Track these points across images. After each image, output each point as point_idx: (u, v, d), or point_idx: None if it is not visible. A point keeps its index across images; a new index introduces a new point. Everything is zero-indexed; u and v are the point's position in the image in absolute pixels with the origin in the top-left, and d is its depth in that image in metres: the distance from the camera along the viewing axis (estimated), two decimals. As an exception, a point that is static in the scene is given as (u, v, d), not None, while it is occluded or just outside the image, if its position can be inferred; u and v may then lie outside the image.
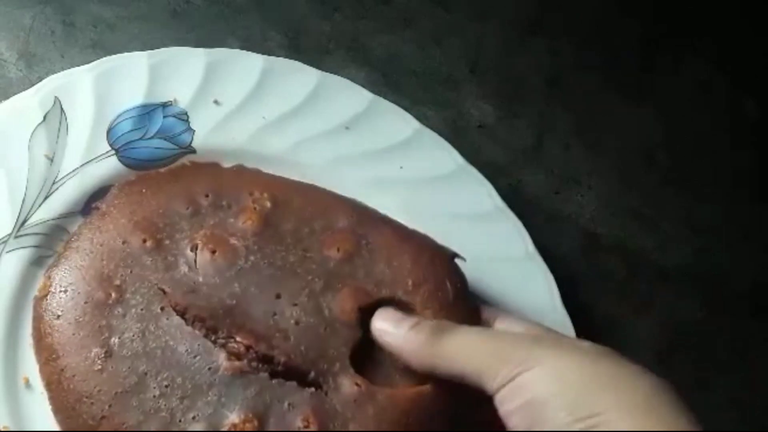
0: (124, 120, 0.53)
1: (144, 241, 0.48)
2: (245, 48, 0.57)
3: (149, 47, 0.55)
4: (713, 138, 0.64)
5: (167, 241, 0.48)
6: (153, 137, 0.53)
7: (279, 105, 0.55)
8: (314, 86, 0.55)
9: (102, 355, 0.45)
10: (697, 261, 0.60)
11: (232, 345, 0.44)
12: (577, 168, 0.62)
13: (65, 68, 0.54)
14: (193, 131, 0.53)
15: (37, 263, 0.49)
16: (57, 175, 0.51)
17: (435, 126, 0.57)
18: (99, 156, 0.52)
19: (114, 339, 0.45)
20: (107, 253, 0.48)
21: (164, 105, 0.54)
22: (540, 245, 0.53)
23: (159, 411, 0.43)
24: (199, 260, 0.47)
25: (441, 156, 0.55)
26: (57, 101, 0.52)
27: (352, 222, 0.49)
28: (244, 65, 0.55)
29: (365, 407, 0.43)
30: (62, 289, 0.47)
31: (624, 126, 0.64)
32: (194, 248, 0.47)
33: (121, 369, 0.44)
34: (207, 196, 0.50)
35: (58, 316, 0.46)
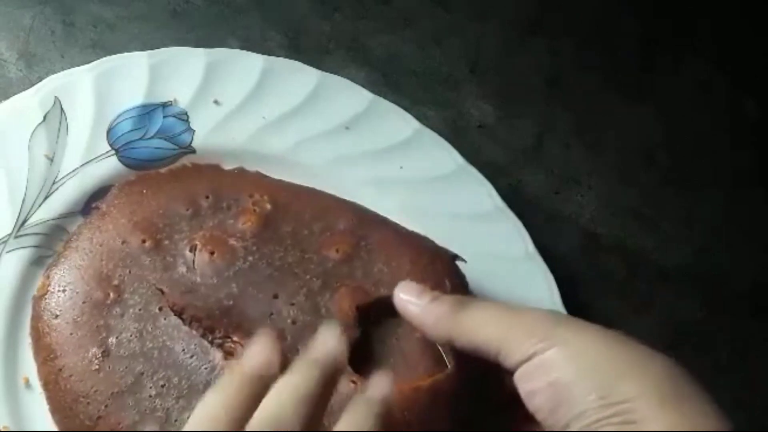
0: (124, 120, 0.53)
1: (143, 242, 0.48)
2: (245, 48, 0.57)
3: (149, 47, 0.55)
4: (713, 138, 0.64)
5: (166, 242, 0.48)
6: (153, 137, 0.53)
7: (279, 105, 0.55)
8: (314, 86, 0.55)
9: (99, 355, 0.45)
10: (697, 261, 0.60)
11: (229, 345, 0.45)
12: (577, 168, 0.62)
13: (65, 68, 0.55)
14: (193, 131, 0.53)
15: (37, 263, 0.49)
16: (57, 175, 0.51)
17: (435, 126, 0.57)
18: (99, 156, 0.52)
19: (111, 339, 0.45)
20: (106, 253, 0.48)
21: (164, 105, 0.54)
22: (540, 245, 0.53)
23: (155, 411, 0.43)
24: (198, 261, 0.47)
25: (441, 156, 0.55)
26: (57, 101, 0.52)
27: (352, 224, 0.49)
28: (244, 65, 0.55)
29: (362, 406, 0.43)
30: (61, 289, 0.47)
31: (624, 126, 0.64)
32: (193, 249, 0.47)
33: (118, 369, 0.44)
34: (207, 198, 0.50)
35: (57, 316, 0.47)
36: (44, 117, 0.52)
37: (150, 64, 0.54)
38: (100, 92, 0.53)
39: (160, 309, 0.46)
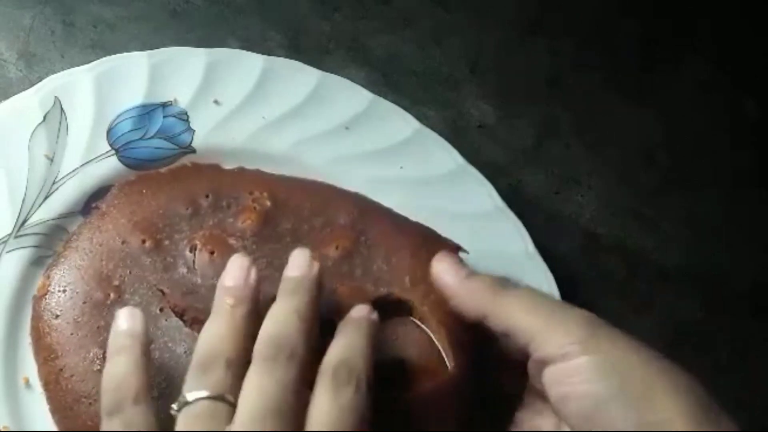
0: (124, 120, 0.53)
1: (143, 242, 0.48)
2: (245, 48, 0.57)
3: (149, 47, 0.55)
4: (713, 138, 0.64)
5: (167, 242, 0.48)
6: (153, 137, 0.53)
7: (279, 105, 0.55)
8: (314, 86, 0.55)
9: (100, 356, 0.45)
10: (697, 261, 0.60)
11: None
12: (577, 168, 0.62)
13: (65, 68, 0.54)
14: (193, 131, 0.53)
15: (38, 263, 0.49)
16: (57, 175, 0.51)
17: (435, 126, 0.57)
18: (99, 156, 0.52)
19: (112, 339, 0.45)
20: (106, 253, 0.48)
21: (164, 105, 0.54)
22: (540, 245, 0.53)
23: (156, 411, 0.43)
24: (198, 261, 0.47)
25: (441, 156, 0.55)
26: (57, 101, 0.52)
27: (352, 218, 0.49)
28: (244, 65, 0.55)
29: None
30: (61, 289, 0.47)
31: (624, 126, 0.64)
32: (193, 249, 0.47)
33: (119, 369, 0.44)
34: (207, 197, 0.50)
35: (57, 316, 0.46)
36: (44, 117, 0.52)
37: (150, 64, 0.54)
38: (100, 92, 0.53)
39: (161, 310, 0.46)
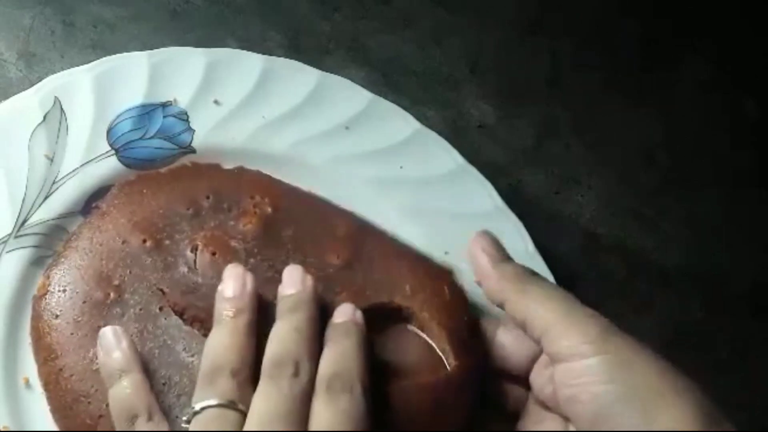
0: (124, 120, 0.53)
1: (144, 241, 0.48)
2: (245, 48, 0.57)
3: (149, 47, 0.55)
4: (713, 138, 0.64)
5: (167, 242, 0.48)
6: (153, 137, 0.53)
7: (279, 105, 0.55)
8: (314, 86, 0.55)
9: (101, 355, 0.45)
10: (697, 261, 0.60)
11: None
12: (577, 168, 0.62)
13: (65, 68, 0.54)
14: (193, 131, 0.53)
15: (38, 263, 0.49)
16: (57, 175, 0.51)
17: (435, 126, 0.57)
18: (99, 156, 0.52)
19: (112, 339, 0.45)
20: (106, 253, 0.48)
21: (164, 105, 0.54)
22: (540, 245, 0.53)
23: None
24: (199, 261, 0.47)
25: (441, 156, 0.55)
26: (57, 101, 0.52)
27: (352, 231, 0.49)
28: (244, 65, 0.55)
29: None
30: (61, 289, 0.47)
31: (624, 126, 0.64)
32: (194, 249, 0.47)
33: (119, 369, 0.44)
34: (208, 198, 0.50)
35: (57, 316, 0.47)
36: (44, 117, 0.52)
37: (150, 64, 0.54)
38: (100, 92, 0.53)
39: (161, 309, 0.46)
